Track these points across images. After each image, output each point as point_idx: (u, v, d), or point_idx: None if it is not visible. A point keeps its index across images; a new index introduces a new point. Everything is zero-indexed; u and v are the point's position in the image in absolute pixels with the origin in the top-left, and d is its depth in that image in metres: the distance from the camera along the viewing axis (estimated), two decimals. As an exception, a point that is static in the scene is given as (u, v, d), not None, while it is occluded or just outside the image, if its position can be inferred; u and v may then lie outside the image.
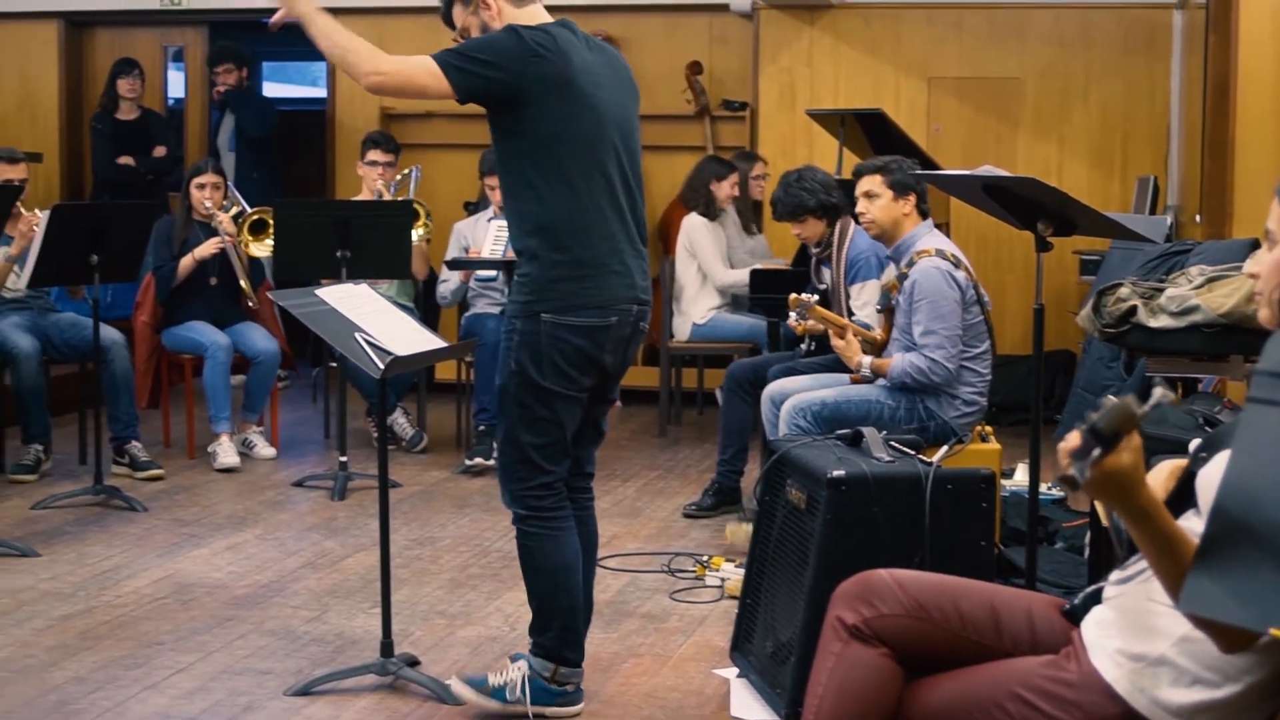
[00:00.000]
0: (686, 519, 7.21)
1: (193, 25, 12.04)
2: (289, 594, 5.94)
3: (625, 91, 4.56)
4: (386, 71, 4.31)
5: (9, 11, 11.89)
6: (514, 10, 4.46)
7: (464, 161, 10.60)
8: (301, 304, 4.83)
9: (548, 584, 4.56)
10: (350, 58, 4.36)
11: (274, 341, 8.52)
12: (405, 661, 4.93)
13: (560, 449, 4.51)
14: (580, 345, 4.41)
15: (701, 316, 9.24)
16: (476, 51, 4.30)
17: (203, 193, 8.45)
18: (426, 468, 8.37)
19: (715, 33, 11.00)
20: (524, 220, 4.43)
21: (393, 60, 4.33)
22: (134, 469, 7.98)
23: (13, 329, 7.88)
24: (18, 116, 12.04)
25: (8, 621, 5.54)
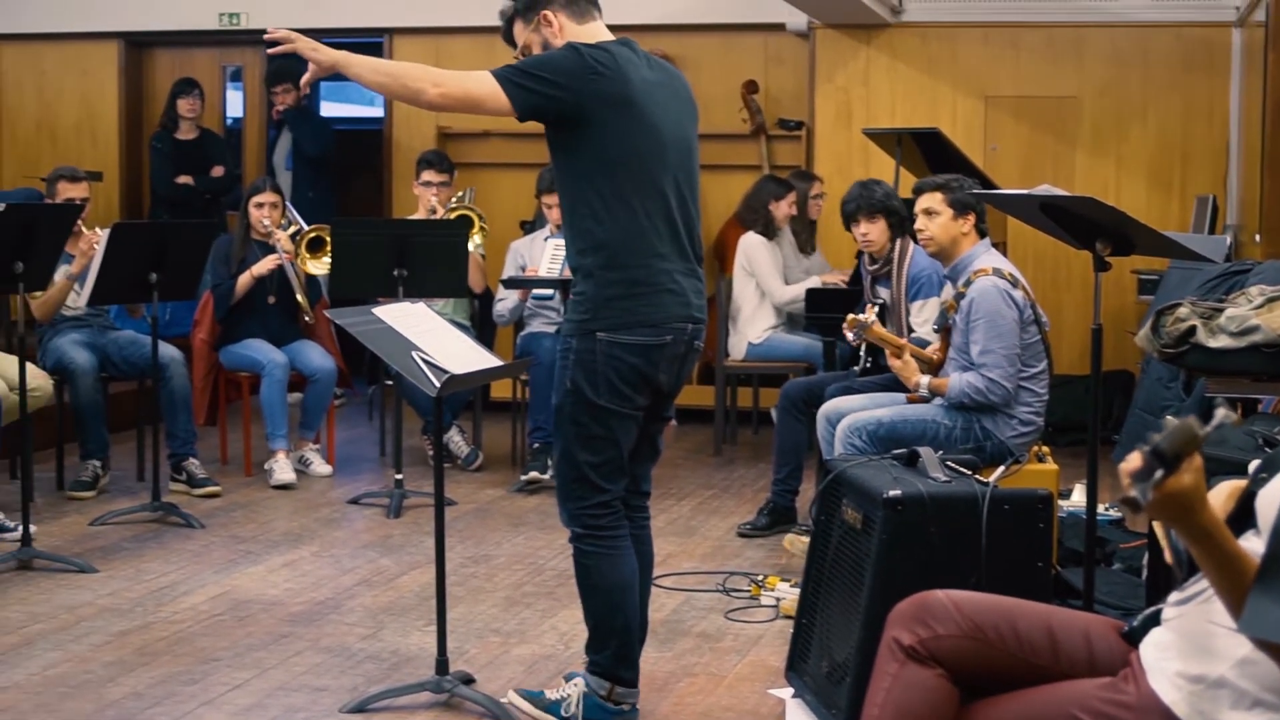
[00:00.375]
0: (741, 538, 7.19)
1: (251, 45, 12.10)
2: (344, 611, 5.96)
3: (684, 110, 4.55)
4: (446, 85, 4.29)
5: (70, 32, 11.99)
6: (575, 27, 4.47)
7: (520, 180, 10.63)
8: (358, 322, 4.85)
9: (604, 603, 4.56)
10: (405, 81, 4.35)
11: (330, 359, 8.56)
12: (460, 679, 4.94)
13: (616, 467, 4.50)
14: (635, 364, 4.40)
15: (757, 336, 9.24)
16: (536, 68, 4.30)
17: (261, 211, 8.50)
18: (482, 485, 8.39)
19: (771, 52, 11.00)
20: (580, 238, 4.43)
21: (451, 75, 4.33)
22: (191, 486, 8.02)
23: (71, 346, 7.94)
24: (78, 136, 12.14)
25: (66, 637, 5.58)
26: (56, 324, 8.08)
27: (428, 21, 11.25)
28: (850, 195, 7.20)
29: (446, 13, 11.16)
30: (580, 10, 4.50)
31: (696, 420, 10.21)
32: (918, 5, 10.49)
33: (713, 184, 10.34)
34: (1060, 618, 3.18)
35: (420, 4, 11.26)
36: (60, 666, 5.25)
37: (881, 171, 9.34)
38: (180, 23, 11.84)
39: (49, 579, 6.37)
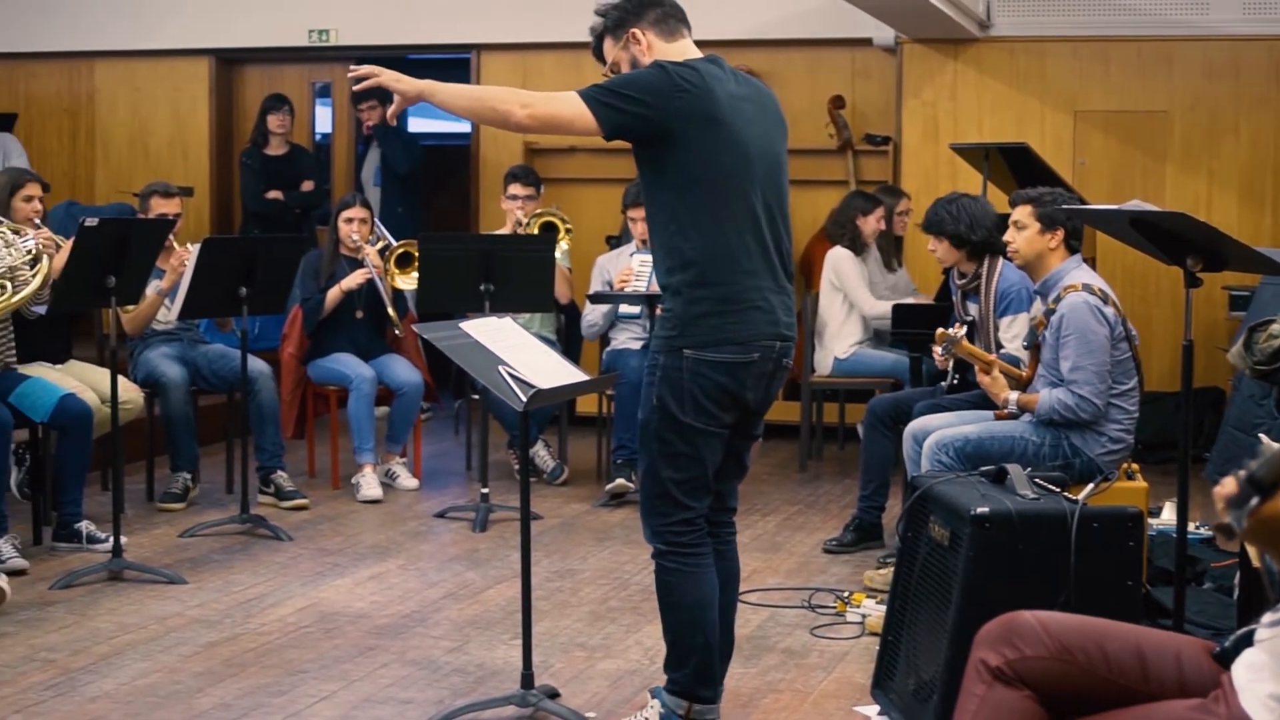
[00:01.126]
0: (827, 554, 7.17)
1: (340, 61, 12.19)
2: (430, 624, 5.99)
3: (772, 126, 4.54)
4: (533, 107, 4.30)
5: (162, 49, 12.13)
6: (664, 45, 4.47)
7: (607, 195, 10.65)
8: (446, 337, 4.87)
9: (684, 620, 4.54)
10: (492, 105, 4.37)
11: (417, 373, 8.60)
12: (545, 693, 4.95)
13: (701, 485, 4.49)
14: (722, 381, 4.39)
15: (844, 351, 9.21)
16: (623, 87, 4.30)
17: (350, 226, 8.56)
18: (567, 500, 8.40)
19: (858, 67, 10.97)
20: (669, 256, 4.42)
21: (538, 96, 4.34)
22: (279, 498, 8.08)
23: (162, 359, 8.02)
24: (170, 152, 12.28)
25: (155, 648, 5.63)
26: (147, 338, 8.16)
27: (515, 38, 11.30)
28: (930, 209, 7.18)
29: (534, 29, 11.21)
30: (669, 29, 4.50)
31: (782, 436, 10.18)
32: (1006, 19, 10.44)
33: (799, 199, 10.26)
34: (1150, 638, 3.15)
35: (507, 21, 11.31)
36: (150, 677, 5.30)
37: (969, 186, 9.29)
38: (270, 39, 11.95)
39: (139, 590, 6.43)
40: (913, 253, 9.97)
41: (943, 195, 7.28)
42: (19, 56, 12.44)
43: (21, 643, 5.66)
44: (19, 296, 6.60)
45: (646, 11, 4.49)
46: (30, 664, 5.41)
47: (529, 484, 5.04)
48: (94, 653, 5.56)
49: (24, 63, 12.48)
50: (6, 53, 12.42)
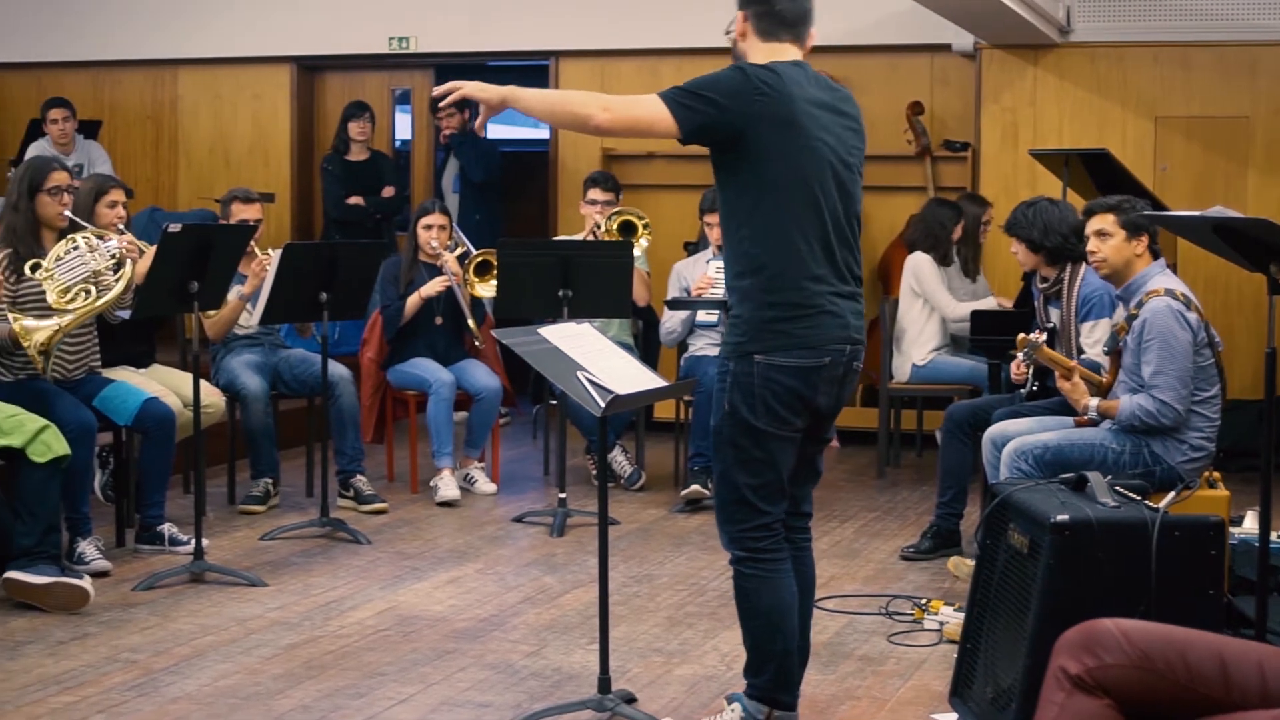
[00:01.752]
0: (904, 561, 7.15)
1: (420, 68, 12.28)
2: (508, 628, 6.01)
3: (851, 133, 4.51)
4: (613, 109, 4.32)
5: (244, 57, 12.25)
6: (757, 42, 4.46)
7: (684, 202, 10.66)
8: (525, 343, 4.89)
9: (763, 626, 4.54)
10: (572, 108, 4.41)
11: (496, 379, 8.64)
12: (622, 698, 4.96)
13: (776, 489, 4.49)
14: (792, 386, 4.39)
15: (922, 358, 9.18)
16: (701, 89, 4.31)
17: (429, 233, 8.60)
18: (644, 505, 8.41)
19: (937, 73, 10.94)
20: (739, 260, 4.43)
21: (618, 99, 4.37)
22: (359, 502, 8.14)
23: (243, 369, 8.08)
24: (251, 158, 12.39)
25: (236, 649, 5.68)
26: (229, 343, 8.24)
27: (594, 44, 11.33)
28: (1013, 210, 7.16)
29: (612, 35, 11.25)
30: (766, 29, 4.46)
31: (860, 442, 10.16)
32: (1086, 25, 10.37)
33: (877, 205, 10.32)
34: (1232, 647, 3.13)
35: (586, 26, 11.35)
36: (230, 678, 5.35)
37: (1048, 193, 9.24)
38: (351, 47, 12.04)
39: (220, 592, 6.49)
40: (991, 260, 9.91)
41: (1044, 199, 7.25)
42: (104, 64, 12.59)
43: (105, 643, 5.73)
44: (102, 301, 6.67)
45: (753, 4, 4.48)
46: (113, 664, 5.47)
47: (607, 489, 5.05)
48: (175, 654, 5.61)
49: (109, 70, 12.62)
50: (92, 61, 12.57)
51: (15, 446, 6.20)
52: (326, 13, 12.01)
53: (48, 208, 6.78)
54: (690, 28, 10.85)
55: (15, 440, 6.19)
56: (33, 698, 5.10)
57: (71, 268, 6.67)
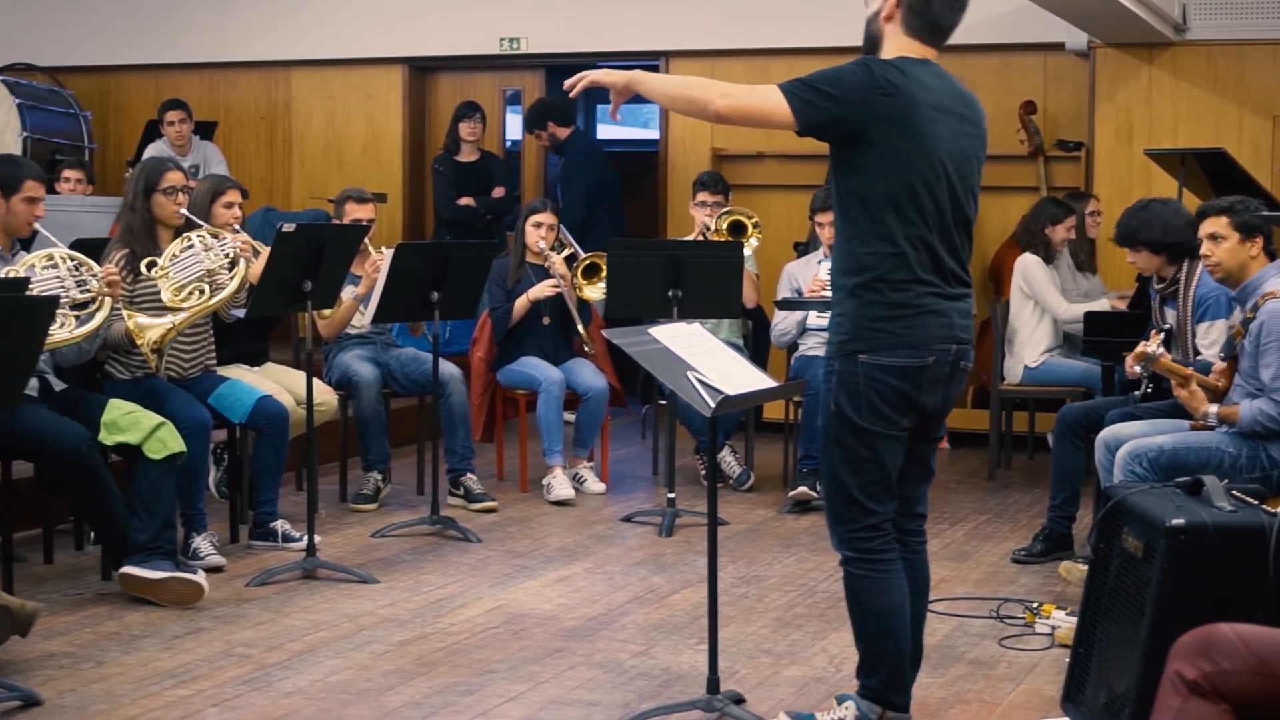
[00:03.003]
0: (1016, 564, 7.09)
1: (530, 69, 12.33)
2: (617, 627, 6.02)
3: (970, 138, 4.46)
4: (733, 96, 4.32)
5: (357, 58, 12.35)
6: (899, 34, 4.41)
7: (794, 202, 10.64)
8: (635, 342, 4.89)
9: (875, 627, 4.52)
10: (693, 95, 4.40)
11: (603, 378, 8.65)
12: (731, 699, 4.95)
13: (884, 489, 4.46)
14: (897, 385, 4.36)
15: (1034, 359, 9.10)
16: (822, 83, 4.28)
17: (538, 231, 8.63)
18: (753, 506, 8.40)
19: (1050, 72, 10.84)
20: (846, 259, 4.41)
21: (738, 88, 4.36)
22: (469, 500, 8.18)
23: (356, 360, 8.16)
24: (364, 158, 12.49)
25: (347, 645, 5.73)
26: (341, 341, 8.31)
27: (704, 44, 11.32)
28: (1120, 222, 7.07)
29: (722, 35, 11.24)
30: (914, 26, 4.41)
31: (971, 444, 10.09)
32: (1203, 23, 10.23)
33: (989, 206, 10.19)
34: (1352, 654, 3.08)
35: (696, 26, 11.35)
36: (342, 674, 5.39)
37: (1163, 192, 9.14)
38: (462, 48, 12.11)
39: (332, 588, 6.55)
40: (1104, 256, 9.81)
41: (1133, 203, 7.17)
42: (219, 66, 12.74)
43: (219, 638, 5.80)
44: (216, 299, 6.75)
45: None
46: (227, 659, 5.54)
47: (716, 489, 5.05)
48: (288, 649, 5.67)
49: (224, 72, 12.78)
50: (207, 63, 12.73)
51: (132, 443, 6.29)
52: (438, 14, 12.08)
53: (163, 207, 6.87)
54: (801, 27, 10.83)
55: (132, 437, 6.28)
56: (148, 691, 5.17)
57: (186, 266, 6.75)
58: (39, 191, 6.40)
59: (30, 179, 6.38)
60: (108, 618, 6.05)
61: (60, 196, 9.37)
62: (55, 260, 6.34)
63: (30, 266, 6.27)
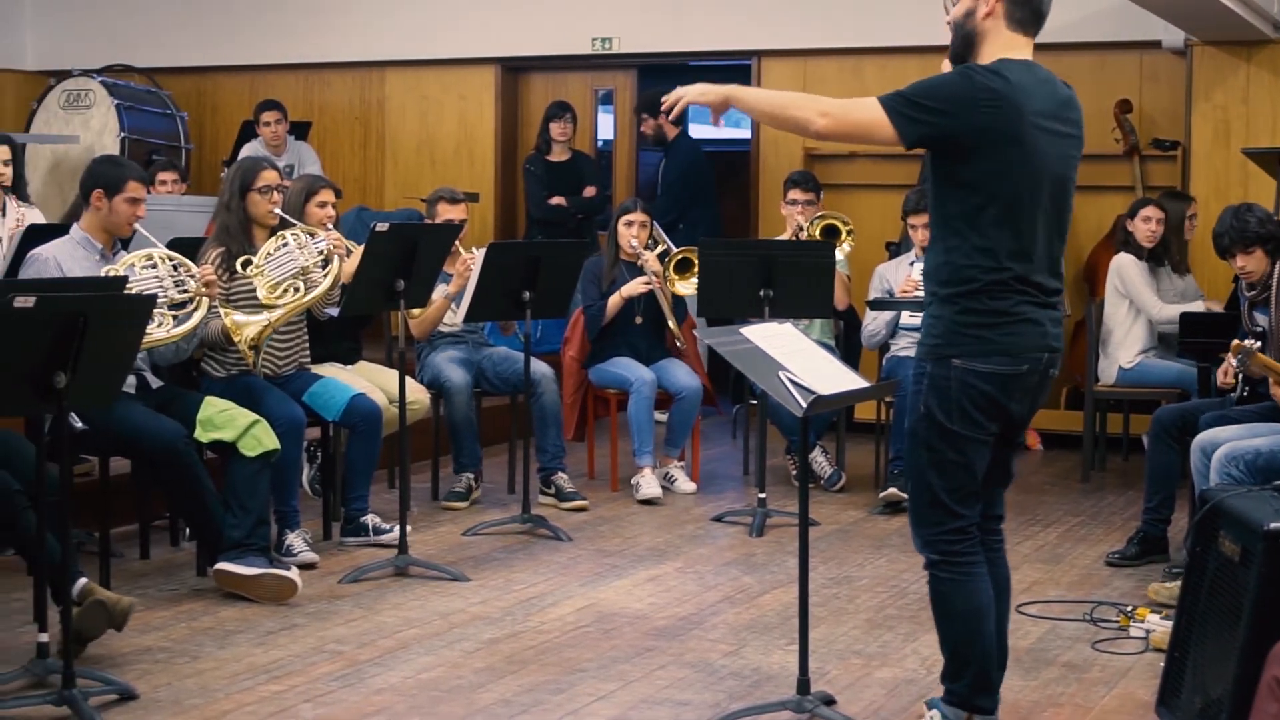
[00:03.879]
0: (1110, 567, 7.02)
1: (622, 69, 12.34)
2: (707, 627, 6.02)
3: (1070, 141, 4.42)
4: (833, 114, 4.28)
5: (450, 58, 12.41)
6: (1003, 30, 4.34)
7: (887, 202, 10.59)
8: (726, 342, 4.89)
9: (960, 630, 4.50)
10: (791, 112, 4.36)
11: (696, 378, 8.65)
12: (821, 700, 4.94)
13: (970, 492, 4.44)
14: (989, 391, 4.33)
15: (1129, 360, 9.01)
16: (923, 97, 4.23)
17: (630, 230, 8.64)
18: (844, 507, 8.37)
19: (1146, 70, 10.73)
20: (943, 265, 4.37)
21: (837, 105, 4.31)
22: (559, 499, 8.20)
23: (447, 364, 8.19)
24: (456, 158, 12.55)
25: (439, 643, 5.76)
26: (433, 340, 8.35)
27: (796, 44, 11.29)
28: (1222, 226, 6.96)
29: (815, 34, 11.20)
30: (1018, 19, 4.35)
31: (1065, 446, 10.01)
32: (1303, 20, 10.11)
33: (1084, 205, 10.13)
34: None
35: (788, 26, 11.31)
36: (433, 671, 5.42)
37: (1261, 192, 9.05)
38: (554, 48, 12.14)
39: (423, 586, 6.58)
40: (1199, 259, 9.70)
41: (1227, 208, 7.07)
42: (314, 67, 12.84)
43: (312, 634, 5.84)
44: (309, 297, 6.80)
45: None
46: (320, 655, 5.58)
47: (808, 490, 5.04)
48: (380, 646, 5.71)
49: (318, 73, 12.88)
50: (302, 63, 12.83)
51: (227, 441, 6.35)
52: (530, 14, 12.12)
53: (258, 206, 6.93)
54: (894, 26, 10.78)
55: (227, 434, 6.34)
56: (242, 686, 5.22)
57: (281, 264, 6.81)
58: (141, 192, 6.47)
59: (132, 179, 6.45)
60: (203, 613, 6.11)
61: (157, 196, 9.46)
62: (154, 260, 6.42)
63: (130, 266, 6.36)
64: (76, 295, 5.00)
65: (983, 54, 4.35)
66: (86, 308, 4.77)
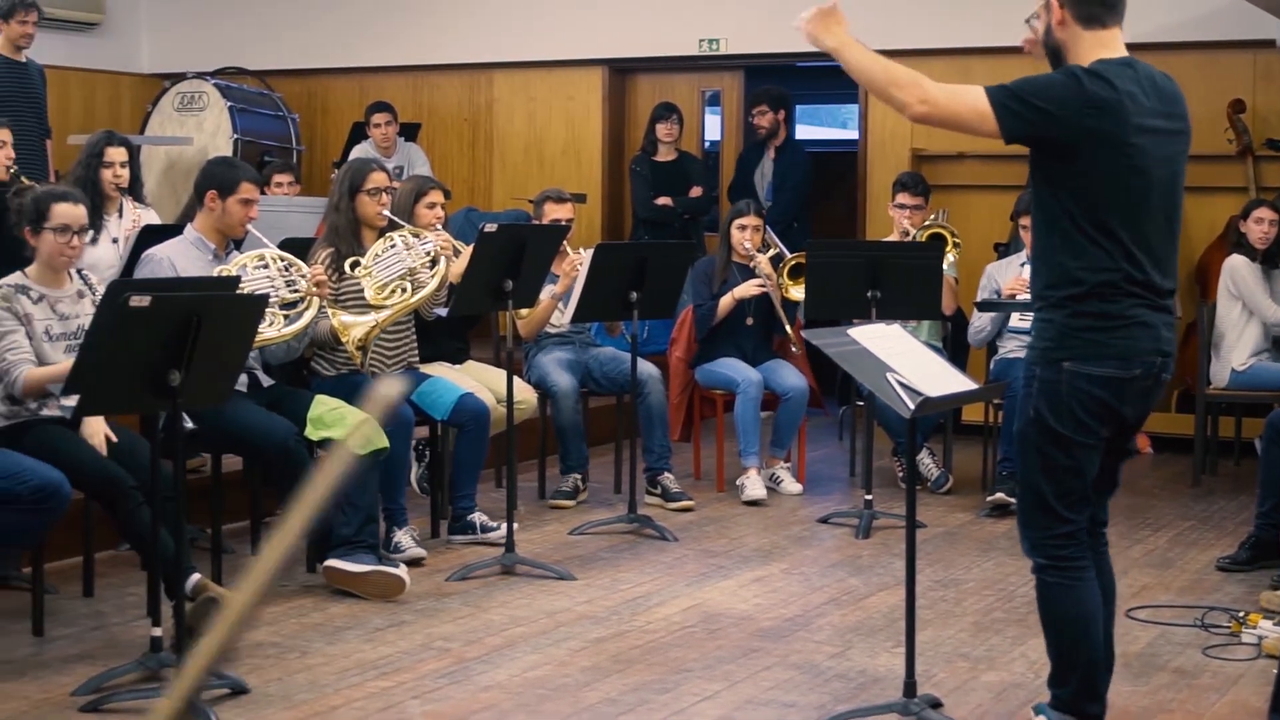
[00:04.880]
0: (1221, 572, 6.94)
1: (729, 70, 12.34)
2: (813, 629, 6.01)
3: (1178, 138, 4.37)
4: (934, 101, 4.23)
5: (558, 60, 12.46)
6: (1079, 30, 4.31)
7: (996, 203, 10.52)
8: (834, 343, 4.88)
9: (1067, 635, 4.47)
10: (893, 90, 4.28)
11: (803, 379, 8.63)
12: (928, 703, 4.92)
13: (1080, 497, 4.41)
14: (1101, 395, 4.30)
15: (1241, 363, 8.90)
16: (1032, 94, 4.19)
17: (744, 233, 8.63)
18: (951, 509, 8.32)
19: (1259, 69, 10.59)
20: (1052, 270, 4.34)
21: (941, 90, 4.24)
22: (666, 499, 8.21)
23: (554, 366, 8.22)
24: (563, 158, 12.60)
25: (545, 641, 5.79)
26: (540, 340, 8.39)
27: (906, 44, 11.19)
28: None
29: (925, 34, 11.12)
30: (1089, 14, 4.30)
31: (1175, 449, 9.90)
32: None
33: (1196, 206, 10.00)
34: None
35: (898, 25, 11.21)
36: (539, 669, 5.45)
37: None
38: (661, 49, 12.16)
39: (530, 584, 6.62)
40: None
41: None
42: (423, 69, 12.95)
43: (419, 631, 5.89)
44: (417, 298, 6.86)
45: None
46: (427, 652, 5.63)
47: (915, 491, 5.02)
48: (487, 644, 5.75)
49: (427, 74, 12.98)
50: (412, 65, 12.94)
51: (337, 439, 6.41)
52: (637, 16, 12.15)
53: (367, 207, 7.00)
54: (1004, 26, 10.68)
55: (337, 432, 6.40)
56: (351, 682, 5.27)
57: (389, 265, 6.87)
58: (254, 193, 6.55)
59: (246, 180, 6.53)
60: (312, 609, 6.18)
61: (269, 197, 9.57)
62: (266, 260, 6.50)
63: (242, 266, 6.44)
64: (191, 295, 5.07)
65: (1072, 60, 4.31)
66: (200, 307, 4.84)
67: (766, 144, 11.67)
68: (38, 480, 5.23)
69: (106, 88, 13.43)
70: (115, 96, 13.47)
